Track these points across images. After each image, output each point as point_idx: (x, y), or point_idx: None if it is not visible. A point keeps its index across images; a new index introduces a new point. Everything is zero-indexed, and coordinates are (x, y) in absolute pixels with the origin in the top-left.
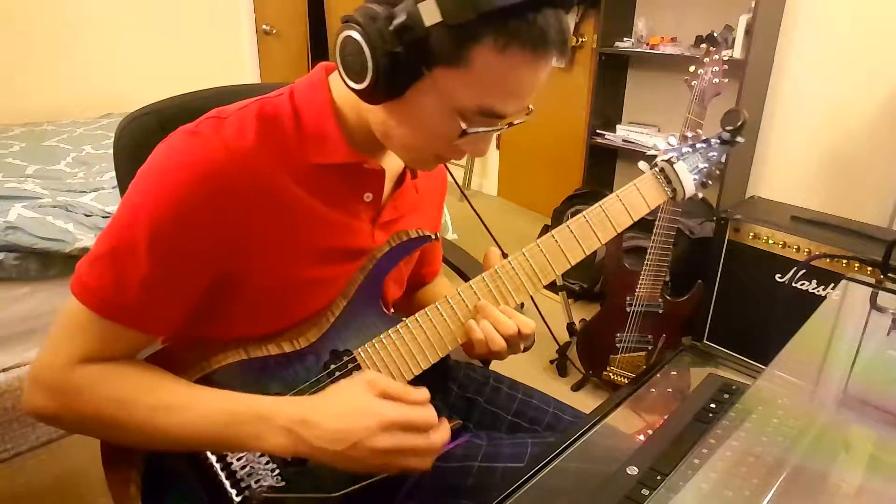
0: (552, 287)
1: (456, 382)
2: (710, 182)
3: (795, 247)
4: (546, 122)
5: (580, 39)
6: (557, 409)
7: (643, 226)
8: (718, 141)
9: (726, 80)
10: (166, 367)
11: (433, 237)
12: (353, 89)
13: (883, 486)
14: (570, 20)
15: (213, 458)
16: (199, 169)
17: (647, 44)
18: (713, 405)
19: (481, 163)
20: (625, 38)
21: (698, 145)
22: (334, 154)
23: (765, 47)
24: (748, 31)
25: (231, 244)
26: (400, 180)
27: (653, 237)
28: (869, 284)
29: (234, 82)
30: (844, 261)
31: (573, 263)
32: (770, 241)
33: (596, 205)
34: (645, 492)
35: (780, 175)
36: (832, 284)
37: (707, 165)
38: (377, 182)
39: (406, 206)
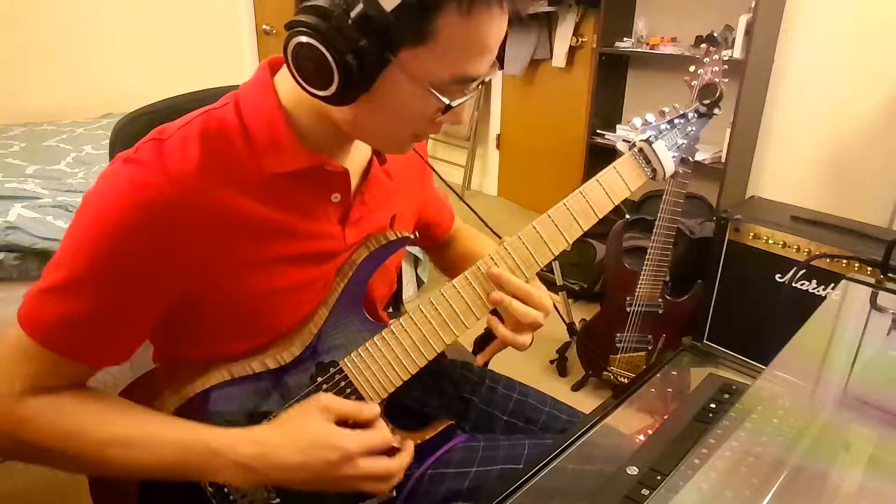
0: (552, 287)
1: (451, 382)
2: (690, 158)
3: (795, 247)
4: (546, 122)
5: (580, 39)
6: (554, 409)
7: (643, 226)
8: (696, 114)
9: (726, 80)
10: (151, 392)
11: (413, 237)
12: (318, 97)
13: (883, 486)
14: (570, 20)
15: (207, 486)
16: (136, 198)
17: (647, 44)
18: (713, 405)
19: (481, 163)
20: (625, 38)
21: (676, 121)
22: (291, 161)
23: (765, 47)
24: (748, 31)
25: (179, 271)
26: (366, 172)
27: (653, 237)
28: (869, 284)
29: (234, 82)
30: (844, 261)
31: (556, 254)
32: (770, 241)
33: (575, 191)
34: (645, 492)
35: (780, 175)
36: (832, 284)
37: (686, 141)
38: (343, 182)
39: (378, 198)
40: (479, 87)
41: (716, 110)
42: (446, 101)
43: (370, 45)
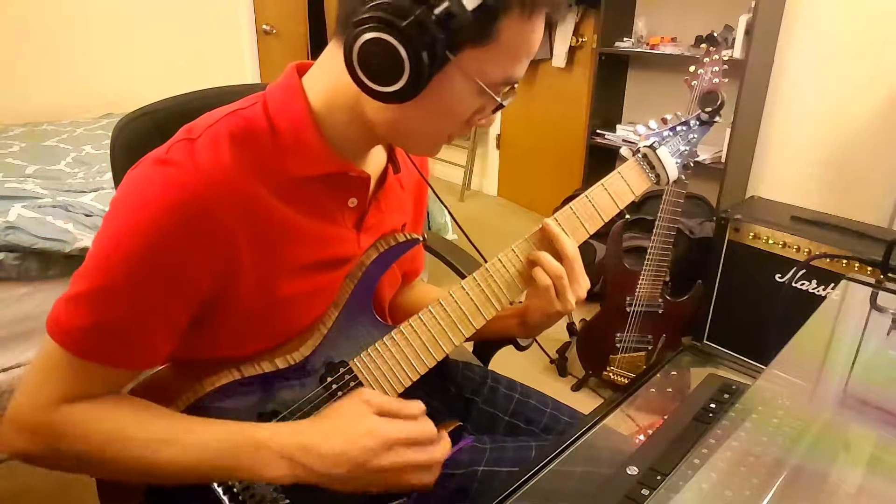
0: None
1: (454, 383)
2: (691, 164)
3: (795, 247)
4: (546, 122)
5: (580, 39)
6: (555, 410)
7: (643, 226)
8: (698, 122)
9: (726, 80)
10: (159, 392)
11: (421, 239)
12: (376, 94)
13: (883, 486)
14: (570, 20)
15: (216, 486)
16: (173, 199)
17: (647, 44)
18: (713, 405)
19: (481, 163)
20: (625, 38)
21: (678, 128)
22: (317, 165)
23: (765, 47)
24: (748, 31)
25: (214, 271)
26: (381, 179)
27: (653, 237)
28: (869, 284)
29: (234, 82)
30: (844, 261)
31: None
32: (770, 241)
33: (581, 195)
34: (645, 492)
35: (780, 175)
36: (832, 284)
37: (688, 148)
38: (363, 187)
39: (392, 205)
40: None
41: (717, 118)
42: (499, 100)
43: (442, 44)
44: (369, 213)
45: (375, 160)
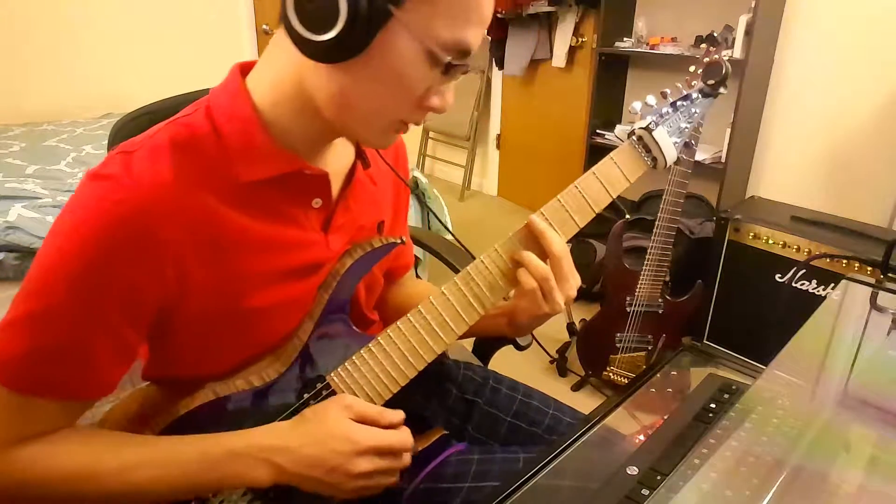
0: None
1: (454, 383)
2: (693, 143)
3: (795, 247)
4: (546, 122)
5: (580, 39)
6: (557, 411)
7: (643, 226)
8: (700, 95)
9: None
10: (133, 415)
11: (399, 242)
12: (310, 44)
13: (883, 486)
14: (570, 20)
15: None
16: (110, 216)
17: (647, 44)
18: (713, 405)
19: (481, 163)
20: (625, 38)
21: (679, 103)
22: (268, 167)
23: (765, 47)
24: (748, 31)
25: (160, 288)
26: (350, 176)
27: (653, 237)
28: (869, 284)
29: None
30: (844, 261)
31: None
32: (770, 241)
33: (571, 185)
34: (645, 492)
35: (780, 175)
36: (832, 284)
37: (689, 125)
38: (323, 186)
39: (363, 203)
40: (465, 72)
41: (721, 89)
42: (447, 58)
43: None
44: (337, 212)
45: (341, 157)
